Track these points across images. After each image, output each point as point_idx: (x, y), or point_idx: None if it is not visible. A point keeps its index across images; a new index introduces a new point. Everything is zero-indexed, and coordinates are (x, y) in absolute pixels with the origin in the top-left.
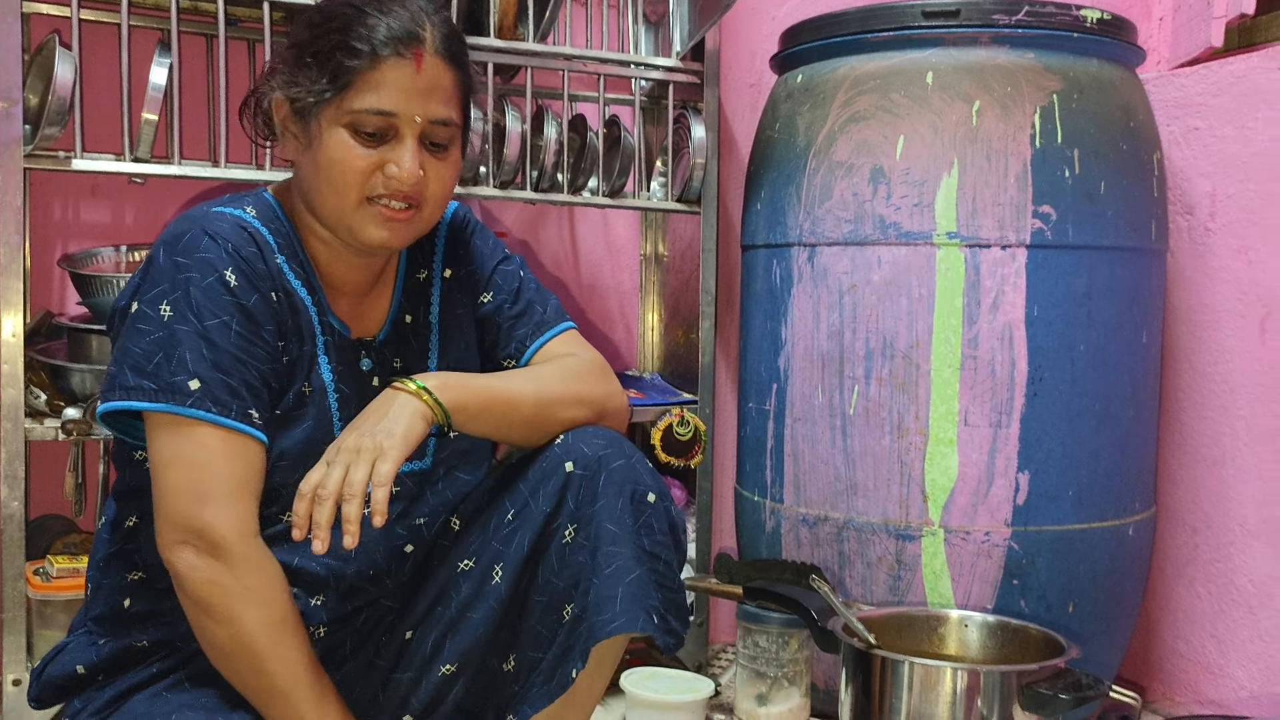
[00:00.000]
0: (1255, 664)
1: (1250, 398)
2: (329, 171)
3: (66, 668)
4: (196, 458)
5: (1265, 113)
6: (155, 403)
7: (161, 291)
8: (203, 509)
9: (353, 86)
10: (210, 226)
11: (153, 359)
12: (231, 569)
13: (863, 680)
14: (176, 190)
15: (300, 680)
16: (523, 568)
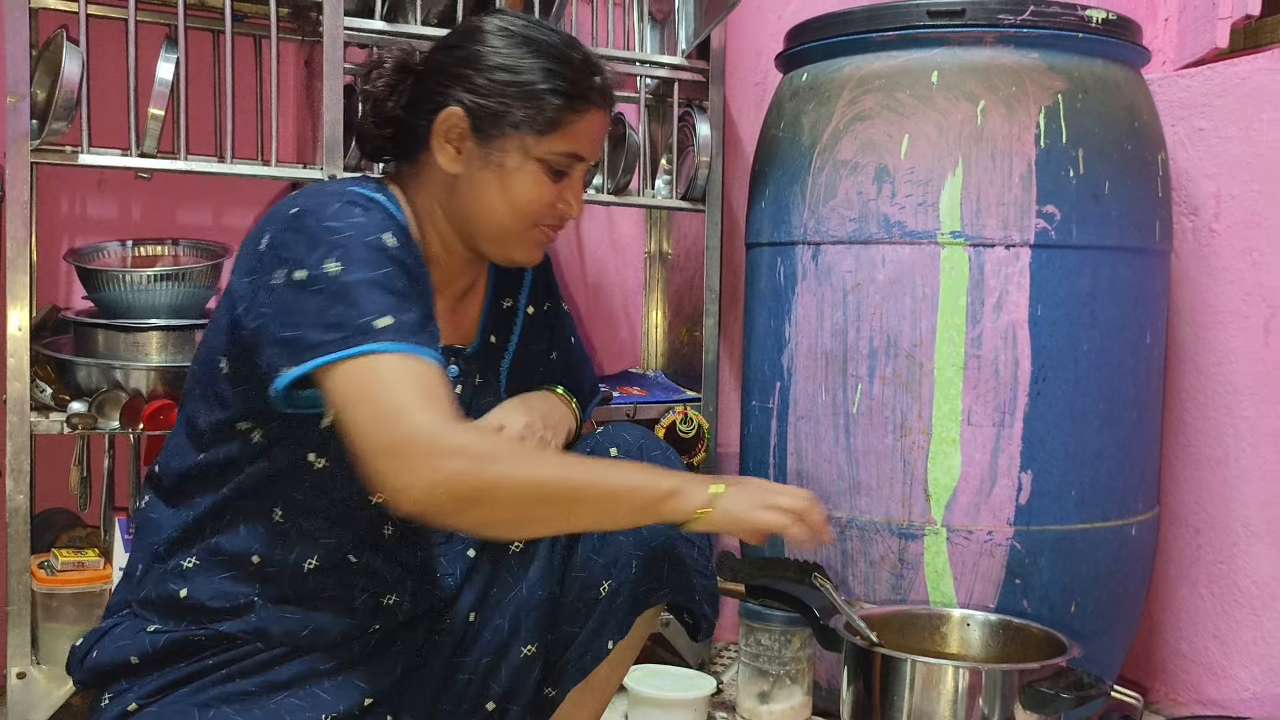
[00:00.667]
0: (1258, 665)
1: (1254, 398)
2: (516, 200)
3: (118, 656)
4: (380, 388)
5: (1270, 114)
6: (346, 349)
7: (322, 254)
8: (398, 429)
9: (559, 130)
10: (356, 199)
11: (331, 311)
12: (451, 457)
13: (864, 678)
14: (183, 186)
15: (597, 465)
16: (567, 548)
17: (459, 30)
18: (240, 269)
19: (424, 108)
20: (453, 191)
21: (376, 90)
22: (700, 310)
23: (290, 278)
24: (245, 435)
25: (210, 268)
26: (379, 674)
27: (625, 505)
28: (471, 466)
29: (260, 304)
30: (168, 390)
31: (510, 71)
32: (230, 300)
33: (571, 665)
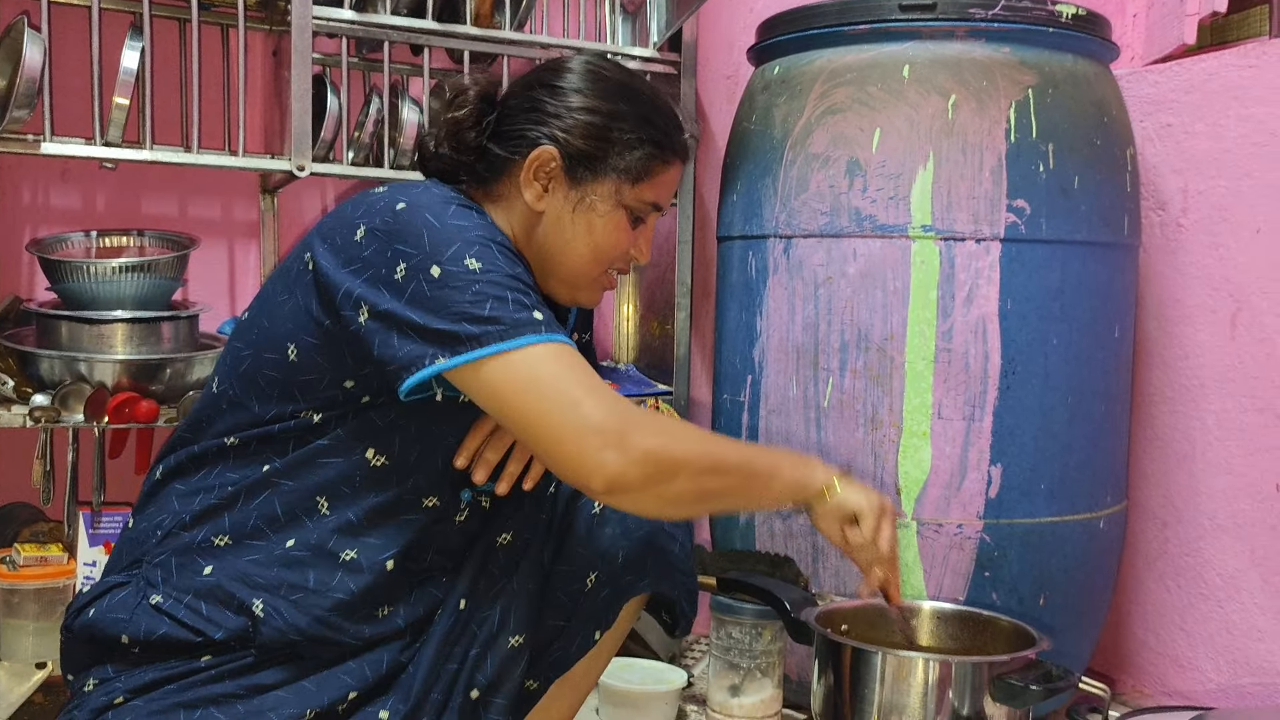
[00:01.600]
0: (1223, 657)
1: (1220, 393)
2: (599, 243)
3: (111, 628)
4: (556, 374)
5: (1236, 110)
6: (512, 340)
7: (458, 250)
8: (583, 412)
9: (650, 180)
10: (468, 204)
11: (484, 306)
12: (643, 431)
13: (835, 671)
14: (148, 176)
15: (757, 448)
16: (556, 539)
17: (548, 68)
18: (325, 258)
19: (512, 142)
20: (532, 227)
21: (460, 118)
22: (672, 304)
23: (424, 272)
24: (301, 417)
25: (176, 259)
26: (365, 667)
27: (781, 481)
28: (664, 443)
29: (380, 295)
30: (133, 383)
31: (605, 116)
32: (307, 286)
33: (557, 657)
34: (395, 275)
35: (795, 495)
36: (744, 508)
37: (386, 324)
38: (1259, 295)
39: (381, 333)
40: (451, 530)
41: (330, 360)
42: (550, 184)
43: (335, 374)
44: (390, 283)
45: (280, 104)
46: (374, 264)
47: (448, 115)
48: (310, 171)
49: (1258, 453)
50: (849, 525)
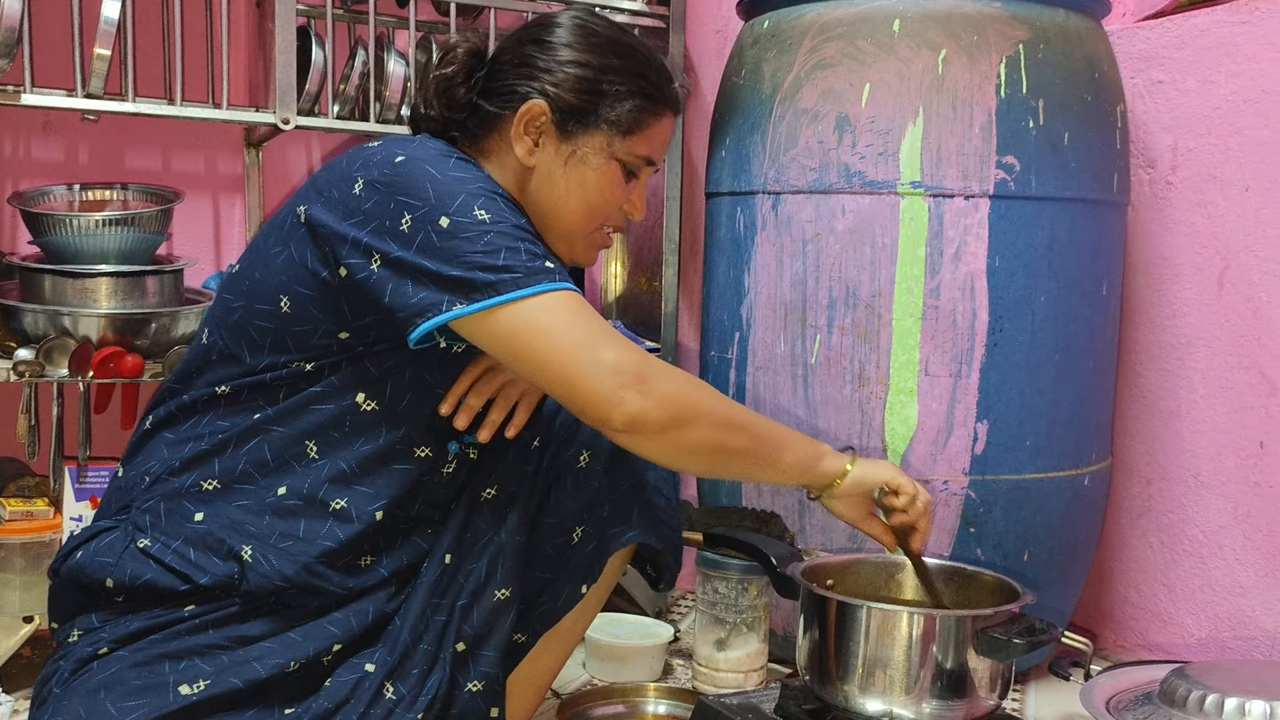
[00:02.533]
0: (1204, 612)
1: (1207, 351)
2: (592, 198)
3: (98, 572)
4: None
5: (1228, 67)
6: (529, 287)
7: (465, 201)
8: (603, 353)
9: (641, 133)
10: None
11: (499, 256)
12: (662, 377)
13: (820, 625)
14: (131, 128)
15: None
16: (541, 493)
17: (538, 23)
18: (322, 212)
19: (502, 97)
20: (524, 183)
21: (449, 74)
22: (660, 260)
23: (432, 222)
24: (293, 367)
25: (160, 213)
26: (350, 617)
27: (790, 456)
28: (685, 390)
29: (387, 245)
30: (118, 337)
31: (596, 70)
32: (301, 239)
33: (545, 610)
34: (401, 226)
35: (803, 475)
36: (751, 474)
37: (400, 271)
38: (1246, 253)
39: (395, 279)
40: (440, 481)
41: (325, 311)
42: (541, 138)
43: (330, 325)
44: (396, 234)
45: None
46: (376, 216)
47: (437, 73)
48: (295, 125)
49: (1242, 410)
50: (889, 496)
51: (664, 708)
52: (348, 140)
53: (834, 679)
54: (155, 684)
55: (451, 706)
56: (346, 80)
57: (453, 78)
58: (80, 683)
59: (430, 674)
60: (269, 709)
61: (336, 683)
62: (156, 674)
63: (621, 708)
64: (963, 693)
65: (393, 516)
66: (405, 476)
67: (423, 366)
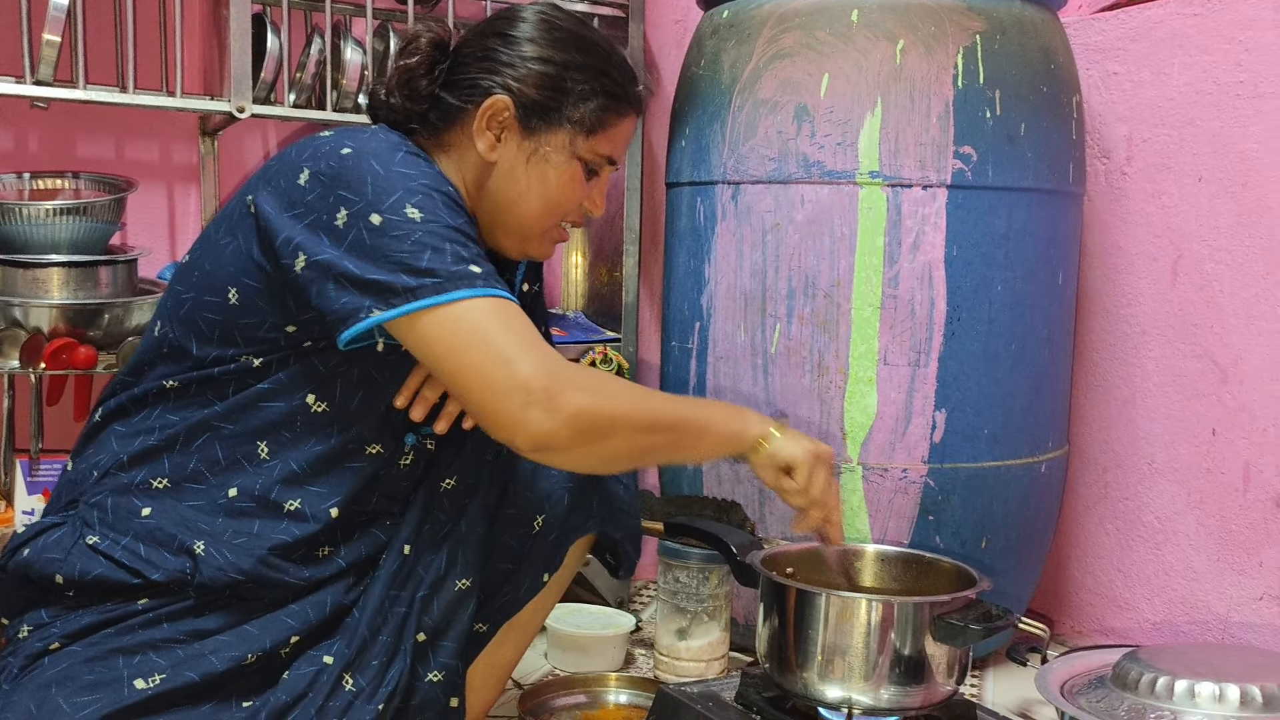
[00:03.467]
0: (1159, 597)
1: (1160, 339)
2: (552, 195)
3: (47, 567)
4: (489, 330)
5: (1182, 58)
6: (447, 293)
7: (399, 199)
8: (513, 369)
9: (604, 131)
10: (416, 152)
11: (422, 258)
12: (572, 391)
13: (780, 613)
14: (82, 116)
15: (691, 402)
16: (501, 483)
17: (501, 16)
18: (268, 201)
19: (464, 90)
20: (484, 178)
21: (411, 65)
22: (620, 250)
23: (364, 220)
24: (241, 361)
25: (113, 202)
26: (308, 609)
27: (713, 436)
28: (595, 401)
29: (319, 242)
30: (70, 328)
31: (559, 67)
32: (248, 230)
33: (507, 600)
34: (336, 221)
35: (729, 448)
36: (676, 462)
37: (323, 274)
38: (1199, 243)
39: (318, 283)
40: (397, 474)
41: (271, 304)
42: (503, 134)
43: (276, 318)
44: (330, 229)
45: (219, 43)
46: (316, 209)
47: (399, 63)
48: (250, 113)
49: (1195, 398)
50: (784, 474)
51: (625, 697)
52: (304, 129)
53: (794, 666)
54: (109, 679)
55: (412, 697)
56: (303, 68)
57: (415, 69)
58: (30, 679)
59: (391, 665)
60: (226, 703)
61: (294, 675)
62: (110, 669)
63: (583, 697)
64: (921, 678)
65: (350, 511)
66: (359, 474)
67: (370, 365)
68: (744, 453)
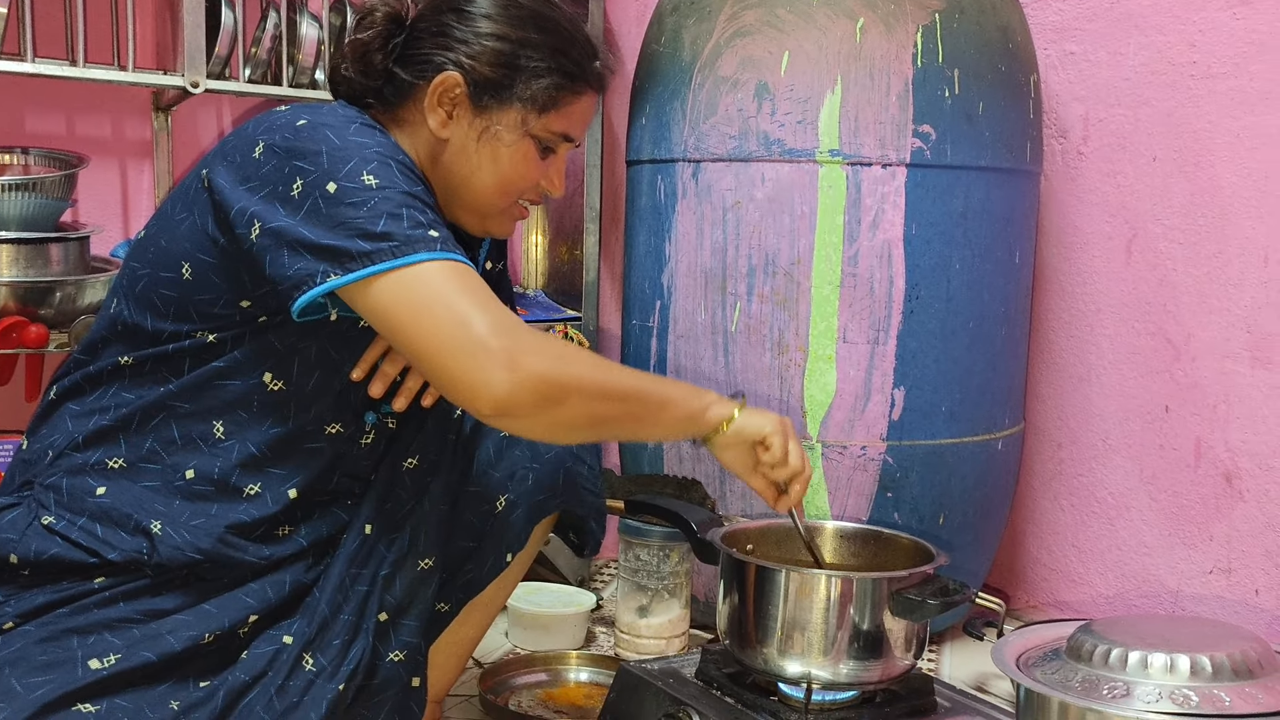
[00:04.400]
0: (1112, 571)
1: (1115, 317)
2: (505, 174)
3: (1, 549)
4: (447, 292)
5: (1137, 39)
6: (404, 256)
7: (354, 167)
8: (470, 332)
9: (558, 110)
10: (372, 124)
11: (378, 223)
12: (532, 354)
13: (739, 589)
14: (31, 90)
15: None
16: (464, 461)
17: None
18: (223, 175)
19: (417, 66)
20: (437, 154)
21: (365, 40)
22: (581, 229)
23: (320, 188)
24: (196, 337)
25: (64, 178)
26: (267, 588)
27: (673, 413)
28: (554, 365)
29: (274, 212)
30: (20, 307)
31: (514, 44)
32: (204, 205)
33: (470, 579)
34: (291, 192)
35: (690, 427)
36: (636, 436)
37: (278, 241)
38: (1153, 222)
39: (273, 250)
40: (358, 453)
41: (226, 280)
42: (455, 111)
43: (231, 294)
44: (286, 199)
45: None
46: (271, 181)
47: (354, 37)
48: (205, 88)
49: (1149, 375)
50: (759, 448)
51: (586, 675)
52: (260, 104)
53: (753, 642)
54: (63, 659)
55: (374, 676)
56: (258, 43)
57: (369, 43)
58: None
59: (352, 644)
60: (183, 682)
61: (253, 655)
62: (64, 649)
63: (544, 675)
64: (879, 653)
65: (310, 491)
66: (319, 455)
67: (327, 342)
68: (706, 434)
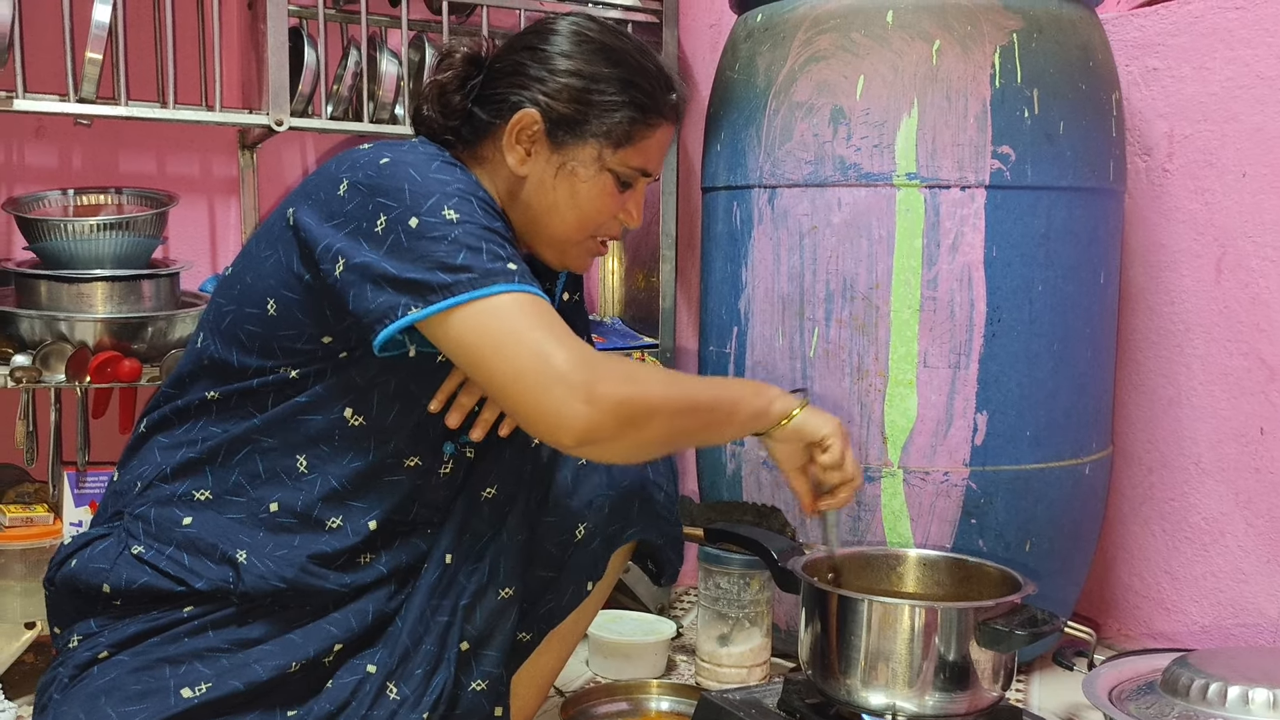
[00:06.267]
0: (1207, 599)
1: (1205, 337)
2: (583, 208)
3: (94, 578)
4: (524, 325)
5: (1223, 53)
6: (482, 289)
7: (436, 203)
8: (554, 361)
9: (634, 144)
10: (453, 161)
11: (458, 256)
12: (611, 381)
13: (822, 619)
14: (124, 132)
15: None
16: (541, 491)
17: (533, 30)
18: (308, 213)
19: (495, 105)
20: (516, 191)
21: (444, 81)
22: (657, 256)
23: (403, 224)
24: (280, 372)
25: (155, 216)
26: (350, 618)
27: (742, 414)
28: (632, 390)
29: (359, 248)
30: (114, 342)
31: (588, 80)
32: (288, 242)
33: (550, 608)
34: (375, 228)
35: (755, 424)
36: (711, 443)
37: (361, 276)
38: (1244, 239)
39: (357, 285)
40: (437, 483)
41: (309, 316)
42: (533, 148)
43: (314, 330)
44: (370, 235)
45: (257, 57)
46: (355, 218)
47: (434, 78)
48: (289, 126)
49: (1242, 397)
50: (816, 449)
51: (667, 704)
52: (343, 141)
53: (836, 673)
54: (156, 688)
55: (456, 706)
56: (340, 80)
57: (447, 84)
58: (79, 688)
59: (435, 674)
60: (270, 711)
61: (338, 684)
62: (157, 678)
63: (625, 704)
64: (966, 685)
65: (389, 522)
66: (398, 488)
67: (407, 376)
68: (768, 428)
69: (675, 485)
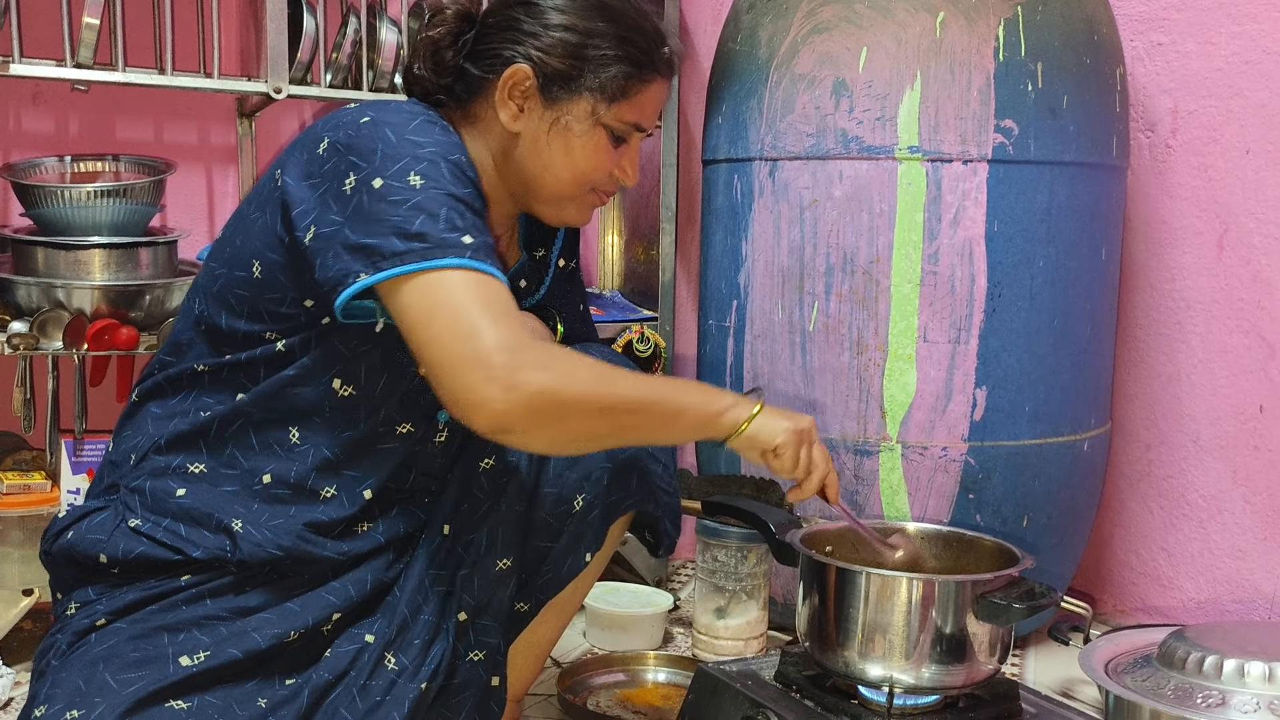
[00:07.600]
0: (1204, 576)
1: (1206, 315)
2: (578, 164)
3: (91, 549)
4: (461, 301)
5: (1229, 28)
6: (430, 260)
7: (405, 165)
8: (480, 342)
9: (628, 99)
10: (435, 119)
11: (414, 222)
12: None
13: (819, 592)
14: (122, 99)
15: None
16: (539, 461)
17: None
18: (291, 172)
19: (487, 61)
20: (510, 148)
21: (436, 37)
22: (657, 229)
23: (367, 185)
24: (268, 342)
25: (153, 184)
26: (349, 586)
27: (686, 421)
28: (554, 381)
29: (328, 210)
30: (111, 309)
31: (582, 35)
32: (275, 203)
33: (548, 579)
34: (344, 188)
35: (706, 432)
36: (644, 443)
37: (326, 244)
38: (1246, 217)
39: (322, 254)
40: (433, 451)
41: (291, 278)
42: (526, 104)
43: (295, 293)
44: (339, 195)
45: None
46: (329, 177)
47: (425, 34)
48: (287, 94)
49: (1241, 374)
50: (770, 456)
51: (664, 675)
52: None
53: (834, 645)
54: (154, 656)
55: (454, 676)
56: (339, 48)
57: (439, 40)
58: (78, 655)
59: (433, 644)
60: (269, 680)
61: (337, 653)
62: (155, 646)
63: (621, 676)
64: (962, 657)
65: (386, 490)
66: (393, 455)
67: (391, 345)
68: (723, 437)
69: (674, 458)
